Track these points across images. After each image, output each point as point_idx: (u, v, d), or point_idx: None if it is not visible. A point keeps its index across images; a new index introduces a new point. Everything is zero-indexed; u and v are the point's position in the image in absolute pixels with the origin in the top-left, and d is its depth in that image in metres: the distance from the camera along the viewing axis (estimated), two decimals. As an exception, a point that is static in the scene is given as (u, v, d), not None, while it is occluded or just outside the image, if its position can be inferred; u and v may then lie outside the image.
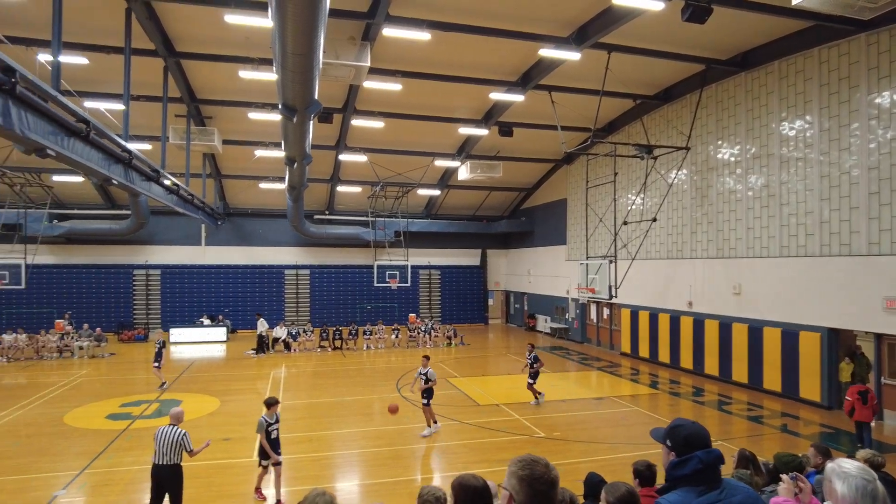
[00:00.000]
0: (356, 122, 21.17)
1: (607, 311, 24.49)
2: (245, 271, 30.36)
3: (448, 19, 14.43)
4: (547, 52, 15.43)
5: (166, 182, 16.26)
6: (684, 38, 15.37)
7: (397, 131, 22.65)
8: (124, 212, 26.82)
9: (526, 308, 32.28)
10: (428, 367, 12.24)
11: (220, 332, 26.85)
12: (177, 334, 26.38)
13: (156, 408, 14.39)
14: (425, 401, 12.08)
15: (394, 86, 17.82)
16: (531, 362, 14.75)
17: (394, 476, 9.92)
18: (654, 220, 19.26)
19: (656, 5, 12.35)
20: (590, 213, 22.38)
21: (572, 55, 15.41)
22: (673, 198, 19.74)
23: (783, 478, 3.83)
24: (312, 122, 14.62)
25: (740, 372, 16.77)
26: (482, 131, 22.09)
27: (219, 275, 29.97)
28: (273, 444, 8.56)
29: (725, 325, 17.30)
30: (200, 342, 26.20)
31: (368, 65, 14.51)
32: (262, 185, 27.17)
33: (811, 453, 6.00)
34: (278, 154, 20.83)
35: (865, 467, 2.65)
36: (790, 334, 15.09)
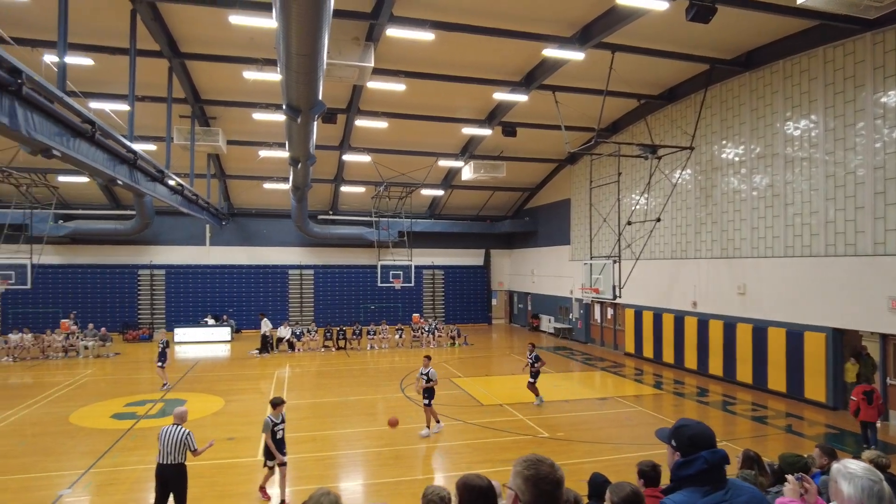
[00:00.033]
0: (360, 122, 21.19)
1: (611, 311, 24.45)
2: (249, 271, 30.43)
3: (451, 19, 14.43)
4: (551, 52, 15.41)
5: (171, 182, 16.32)
6: (688, 37, 15.34)
7: (401, 131, 22.66)
8: (129, 212, 26.91)
9: (529, 308, 32.26)
10: (429, 368, 12.23)
11: (224, 332, 26.93)
12: (181, 334, 26.48)
13: (160, 407, 14.44)
14: (426, 401, 12.08)
15: (397, 86, 17.82)
16: (532, 362, 14.73)
17: (397, 476, 9.93)
18: (658, 220, 19.22)
19: (660, 5, 12.31)
20: (594, 213, 22.34)
21: (576, 55, 15.39)
22: (677, 198, 19.69)
23: (788, 478, 3.82)
24: (316, 122, 14.64)
25: (745, 372, 16.72)
26: (486, 131, 22.08)
27: (223, 275, 30.05)
28: (279, 444, 8.57)
29: (730, 325, 17.25)
30: (205, 342, 26.29)
31: (372, 65, 14.53)
32: (266, 186, 27.21)
33: (816, 454, 5.97)
34: (282, 154, 20.84)
35: (871, 468, 2.64)
36: (795, 335, 15.04)
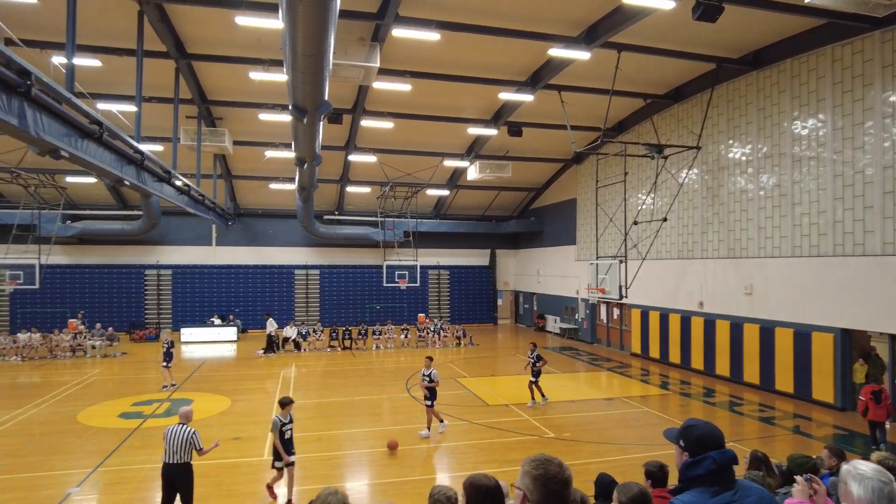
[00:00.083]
0: (365, 122, 21.23)
1: (617, 311, 24.38)
2: (255, 271, 30.54)
3: (457, 19, 14.44)
4: (556, 51, 15.39)
5: (177, 183, 16.38)
6: (695, 36, 15.28)
7: (406, 131, 22.68)
8: (136, 212, 27.06)
9: (535, 308, 32.21)
10: (431, 369, 12.18)
11: (230, 332, 27.01)
12: (188, 334, 26.57)
13: (167, 407, 14.50)
14: (429, 402, 12.05)
15: (403, 86, 17.84)
16: (533, 361, 14.65)
17: (403, 476, 9.93)
18: (664, 219, 19.15)
19: (667, 4, 12.27)
20: (600, 212, 22.29)
21: (582, 55, 15.36)
22: (683, 197, 19.62)
23: (797, 479, 3.79)
24: (322, 122, 14.68)
25: (752, 373, 16.63)
26: (491, 131, 22.07)
27: (229, 275, 30.16)
28: (287, 444, 8.57)
29: (737, 325, 17.17)
30: (211, 342, 26.37)
31: (378, 65, 14.55)
32: (273, 186, 27.31)
33: (825, 455, 5.93)
34: (288, 155, 20.93)
35: (882, 469, 2.62)
36: (802, 335, 14.95)
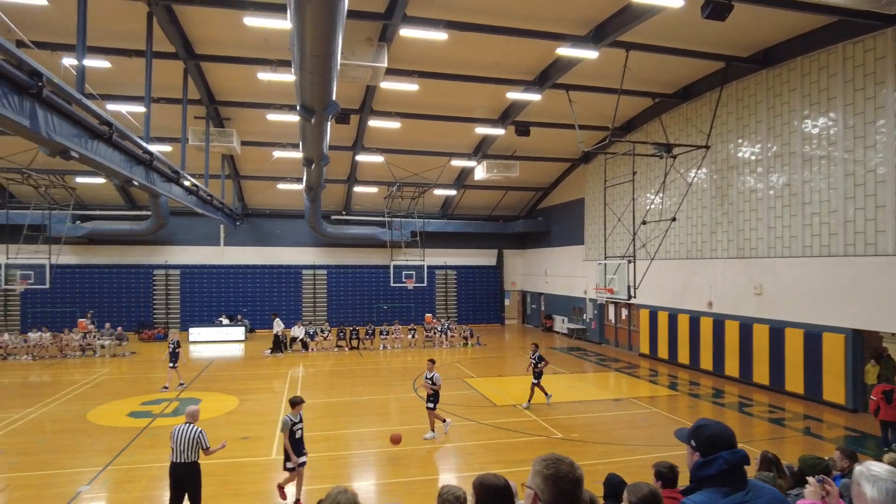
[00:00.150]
0: (373, 122, 21.26)
1: (625, 311, 24.28)
2: (263, 271, 30.65)
3: (465, 19, 14.42)
4: (564, 50, 15.34)
5: (186, 183, 16.48)
6: (704, 35, 15.18)
7: (414, 131, 22.70)
8: (145, 213, 27.23)
9: (543, 308, 32.14)
10: (434, 372, 12.12)
11: (238, 332, 27.13)
12: (196, 333, 26.69)
13: (175, 406, 14.57)
14: (431, 405, 11.98)
15: (410, 86, 17.85)
16: (535, 362, 14.54)
17: (410, 476, 9.93)
18: (673, 219, 19.06)
19: (675, 3, 12.21)
20: (608, 212, 22.21)
21: (590, 54, 15.30)
22: (692, 197, 19.50)
23: (810, 480, 3.76)
24: (330, 122, 14.70)
25: (761, 373, 16.51)
26: (499, 131, 22.04)
27: (237, 275, 30.30)
28: (298, 443, 8.56)
29: (746, 325, 17.05)
30: (219, 341, 26.48)
31: (385, 65, 14.57)
32: (280, 186, 27.39)
33: (837, 456, 5.87)
34: (296, 155, 20.98)
35: (895, 470, 2.59)
36: (813, 335, 14.82)
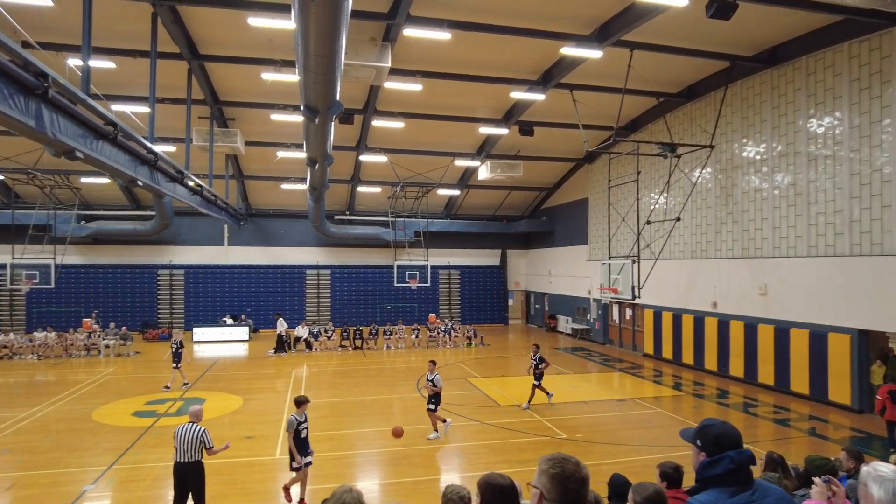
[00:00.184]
0: (377, 122, 21.28)
1: (630, 311, 24.22)
2: (267, 271, 30.71)
3: (468, 19, 14.42)
4: (568, 50, 15.31)
5: (190, 183, 16.52)
6: (708, 34, 15.14)
7: (417, 131, 22.70)
8: (149, 213, 27.31)
9: (546, 308, 32.10)
10: (435, 373, 12.09)
11: (242, 332, 27.19)
12: (200, 333, 26.76)
13: (180, 406, 14.61)
14: (433, 406, 11.94)
15: (414, 86, 17.85)
16: (536, 363, 14.45)
17: (414, 476, 9.94)
18: (677, 219, 18.99)
19: (680, 2, 12.17)
20: (612, 212, 22.16)
21: (594, 53, 15.27)
22: (697, 197, 19.45)
23: (816, 481, 3.74)
24: (334, 123, 14.72)
25: (766, 374, 16.45)
26: (502, 131, 22.02)
27: (241, 275, 30.36)
28: (303, 443, 8.55)
29: (751, 326, 16.99)
30: (223, 341, 26.55)
31: (389, 65, 14.56)
32: (284, 186, 27.44)
33: (843, 457, 5.85)
34: (300, 155, 21.02)
35: (903, 471, 2.58)
36: (818, 336, 14.76)
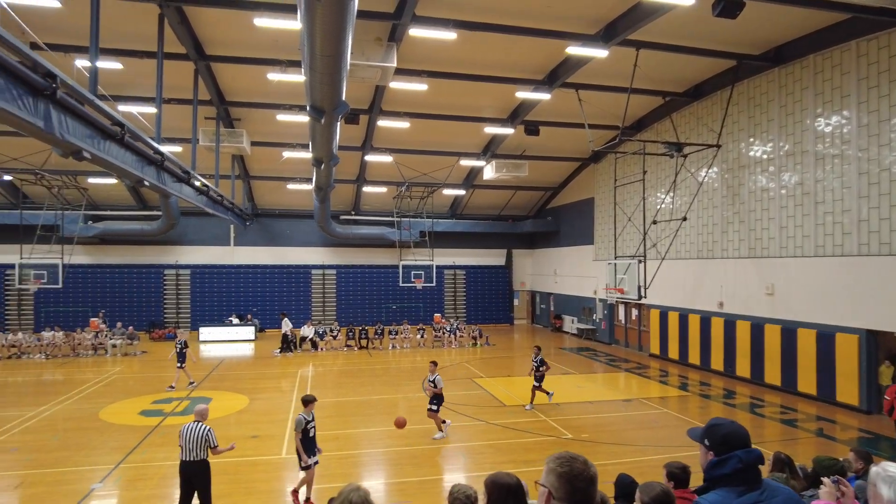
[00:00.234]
0: (382, 122, 21.29)
1: (636, 311, 24.16)
2: (273, 271, 30.79)
3: (474, 18, 14.41)
4: (574, 49, 15.28)
5: (196, 183, 16.58)
6: (715, 33, 15.07)
7: (423, 131, 22.71)
8: (155, 213, 27.45)
9: (552, 308, 32.05)
10: (436, 374, 12.08)
11: (248, 332, 27.26)
12: (206, 333, 26.84)
13: (186, 405, 14.66)
14: (434, 407, 11.93)
15: (420, 86, 17.86)
16: (537, 365, 14.36)
17: (420, 475, 9.94)
18: (684, 219, 18.94)
19: (686, 1, 12.13)
20: (618, 212, 22.10)
21: (600, 52, 15.23)
22: (703, 196, 19.37)
23: (825, 481, 3.71)
24: (339, 123, 14.75)
25: (773, 374, 16.37)
26: (508, 130, 22.00)
27: (247, 275, 30.45)
28: (311, 442, 8.59)
29: (758, 326, 16.91)
30: (229, 341, 26.63)
31: (395, 65, 14.59)
32: (290, 186, 27.50)
33: (852, 458, 5.81)
34: (306, 155, 21.04)
35: (912, 471, 2.56)
36: (826, 336, 14.67)
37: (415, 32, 14.26)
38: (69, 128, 8.25)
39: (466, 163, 25.93)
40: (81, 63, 13.97)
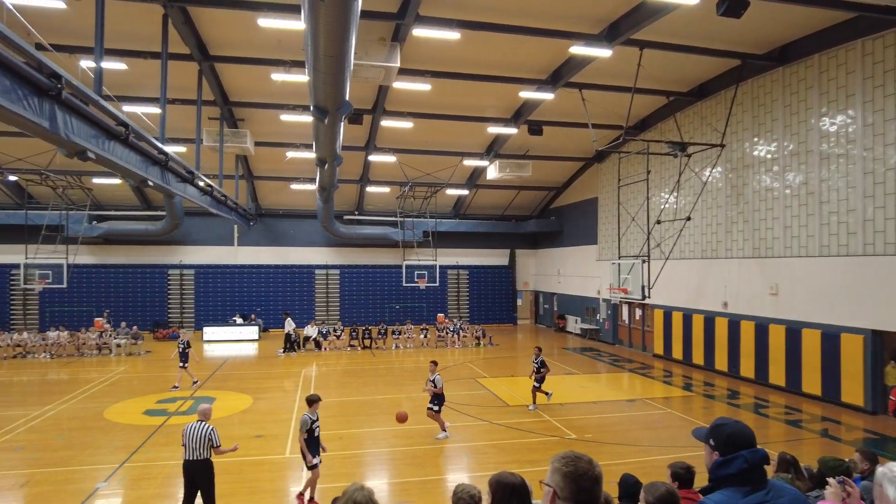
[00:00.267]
0: (385, 122, 21.31)
1: (639, 311, 24.11)
2: (276, 271, 30.85)
3: (477, 18, 14.40)
4: (578, 49, 15.24)
5: (200, 183, 16.61)
6: (719, 32, 15.03)
7: (426, 131, 22.71)
8: (160, 213, 27.54)
9: (555, 308, 32.01)
10: (436, 374, 12.05)
11: (252, 331, 27.32)
12: (210, 333, 26.91)
13: (190, 404, 14.69)
14: (436, 407, 11.90)
15: (423, 86, 17.86)
16: (538, 367, 14.32)
17: (423, 475, 9.94)
18: (688, 218, 18.88)
19: (690, 0, 12.09)
20: (622, 211, 22.06)
21: (603, 52, 15.20)
22: (707, 196, 19.32)
23: (830, 482, 3.69)
24: (343, 123, 14.76)
25: (777, 374, 16.31)
26: (511, 130, 21.98)
27: (251, 274, 30.52)
28: (316, 442, 8.60)
29: (762, 326, 16.85)
30: (233, 341, 26.68)
31: (398, 65, 14.58)
32: (294, 187, 27.55)
33: (857, 458, 5.78)
34: (309, 155, 21.08)
35: (918, 472, 2.54)
36: (831, 336, 14.61)
37: (418, 32, 14.25)
38: (74, 128, 8.28)
39: (470, 163, 25.93)
40: (86, 63, 14.03)
